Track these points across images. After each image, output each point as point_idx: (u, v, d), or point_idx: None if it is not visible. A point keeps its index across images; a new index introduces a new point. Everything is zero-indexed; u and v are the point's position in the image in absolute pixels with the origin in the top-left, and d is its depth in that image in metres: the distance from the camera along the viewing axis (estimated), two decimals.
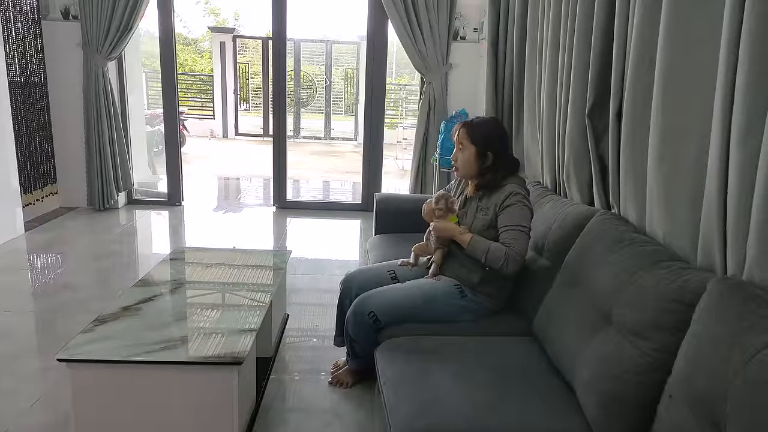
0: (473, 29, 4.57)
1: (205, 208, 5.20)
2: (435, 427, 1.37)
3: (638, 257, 1.48)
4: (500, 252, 1.86)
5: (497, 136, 2.03)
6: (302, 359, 2.45)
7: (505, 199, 1.93)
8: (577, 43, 2.14)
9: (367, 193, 5.04)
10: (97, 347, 1.67)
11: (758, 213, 1.16)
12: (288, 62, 5.76)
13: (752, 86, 1.16)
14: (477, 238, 1.94)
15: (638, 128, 1.72)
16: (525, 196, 1.96)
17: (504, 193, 1.95)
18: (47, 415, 1.95)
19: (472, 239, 1.94)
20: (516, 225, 1.89)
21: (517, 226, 1.89)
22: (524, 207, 1.93)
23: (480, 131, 2.01)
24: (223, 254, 2.69)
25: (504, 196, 1.94)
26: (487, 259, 1.89)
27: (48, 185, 4.63)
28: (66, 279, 3.22)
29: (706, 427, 1.07)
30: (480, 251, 1.90)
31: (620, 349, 1.36)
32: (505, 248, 1.86)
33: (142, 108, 6.15)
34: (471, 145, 2.01)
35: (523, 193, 1.96)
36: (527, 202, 1.95)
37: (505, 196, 1.93)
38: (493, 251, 1.88)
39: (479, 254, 1.91)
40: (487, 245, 1.90)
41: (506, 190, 1.95)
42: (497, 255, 1.86)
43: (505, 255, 1.85)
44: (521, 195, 1.94)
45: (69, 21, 4.47)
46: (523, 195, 1.96)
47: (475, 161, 2.01)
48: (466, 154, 2.02)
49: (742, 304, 1.10)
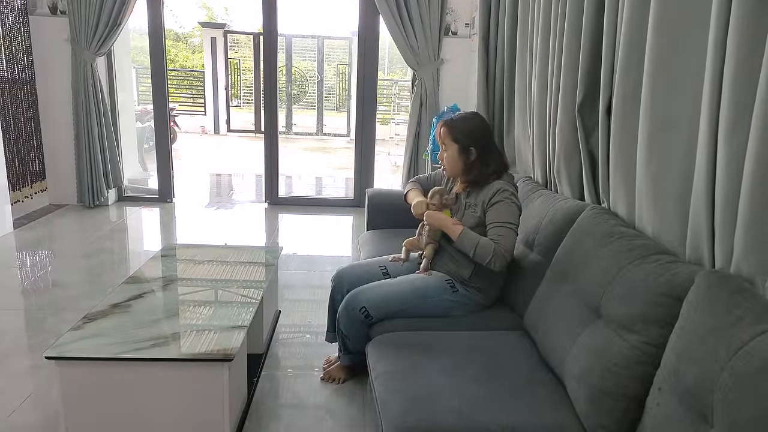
0: (464, 24, 4.56)
1: (196, 205, 5.18)
2: (426, 422, 1.37)
3: (627, 251, 1.49)
4: (489, 247, 1.87)
5: (478, 131, 2.02)
6: (294, 355, 2.45)
7: (493, 196, 1.93)
8: (567, 39, 2.14)
9: (359, 189, 5.03)
10: (86, 345, 1.66)
11: (745, 207, 1.17)
12: (279, 58, 5.76)
13: (739, 82, 1.17)
14: (467, 232, 1.94)
15: (628, 123, 1.72)
16: (513, 193, 1.96)
17: (492, 190, 1.95)
18: (37, 414, 1.94)
19: (462, 232, 1.94)
20: (504, 222, 1.90)
21: (505, 222, 1.90)
22: (512, 204, 1.93)
23: (460, 127, 2.01)
24: (215, 251, 2.68)
25: (492, 193, 1.94)
26: (475, 253, 1.89)
27: (37, 182, 4.59)
28: (56, 277, 3.19)
29: (694, 419, 1.08)
30: (469, 245, 1.91)
31: (609, 342, 1.37)
32: (493, 244, 1.87)
33: (132, 104, 6.11)
34: (453, 143, 2.01)
35: (511, 190, 1.96)
36: (515, 199, 1.96)
37: (493, 193, 1.94)
38: (482, 246, 1.88)
39: (468, 248, 1.91)
40: (477, 240, 1.90)
41: (494, 187, 1.95)
42: (486, 250, 1.87)
43: (493, 251, 1.86)
44: (509, 192, 1.95)
45: (57, 16, 4.43)
46: (512, 192, 1.96)
47: (459, 158, 2.01)
48: (450, 152, 2.02)
49: (730, 297, 1.11)
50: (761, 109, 1.10)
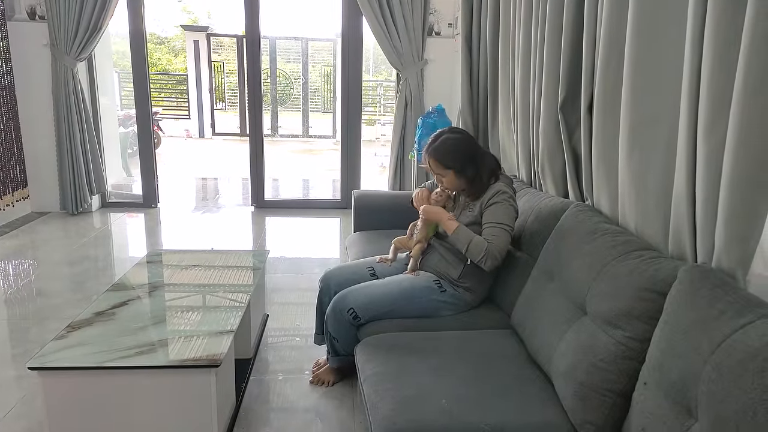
0: (448, 24, 4.58)
1: (182, 210, 5.13)
2: (416, 423, 1.37)
3: (611, 248, 1.50)
4: (482, 245, 1.88)
5: (464, 147, 2.00)
6: (283, 359, 2.44)
7: (492, 197, 1.95)
8: (548, 38, 2.16)
9: (346, 191, 5.02)
10: (69, 354, 1.63)
11: (725, 201, 1.18)
12: (263, 60, 5.72)
13: (716, 78, 1.19)
14: (463, 228, 1.95)
15: (609, 121, 1.74)
16: (511, 196, 1.98)
17: (492, 191, 1.97)
18: (21, 425, 1.91)
19: (458, 227, 1.95)
20: (499, 223, 1.91)
21: (500, 223, 1.91)
22: (509, 206, 1.95)
23: (448, 154, 1.97)
24: (201, 256, 2.66)
25: (491, 194, 1.96)
26: (468, 250, 1.91)
27: (18, 190, 4.51)
28: (39, 285, 3.15)
29: (679, 413, 1.09)
30: (463, 241, 1.92)
31: (595, 338, 1.38)
32: (486, 243, 1.88)
33: (115, 109, 6.04)
34: (447, 171, 1.99)
35: (510, 193, 1.98)
36: (513, 202, 1.97)
37: (492, 194, 1.96)
38: (475, 243, 1.90)
39: (462, 244, 1.92)
40: (471, 237, 1.92)
41: (494, 189, 1.97)
42: (479, 248, 1.88)
43: (486, 250, 1.87)
44: (508, 194, 1.96)
45: (36, 21, 4.36)
46: (510, 194, 1.97)
47: (458, 180, 2.00)
48: (449, 178, 2.01)
49: (711, 291, 1.12)
50: (739, 103, 1.12)
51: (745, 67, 1.09)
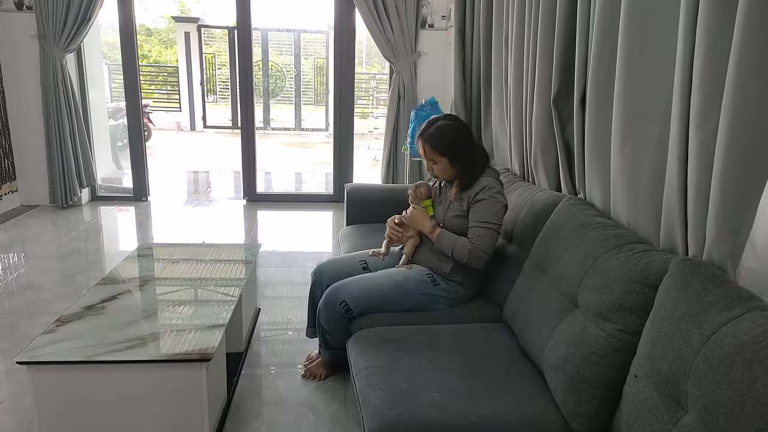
0: (441, 17, 4.56)
1: (173, 203, 5.09)
2: (407, 416, 1.37)
3: (603, 241, 1.50)
4: (465, 249, 1.91)
5: (459, 134, 1.99)
6: (275, 353, 2.43)
7: (479, 192, 1.94)
8: (541, 31, 2.15)
9: (338, 184, 5.01)
10: (58, 348, 1.62)
11: (716, 194, 1.19)
12: (255, 52, 5.66)
13: (708, 71, 1.19)
14: (444, 234, 1.96)
15: (601, 114, 1.74)
16: (499, 191, 1.96)
17: (479, 186, 1.95)
18: (11, 420, 1.89)
19: (439, 235, 1.97)
20: (484, 222, 1.91)
21: (486, 223, 1.91)
22: (496, 203, 1.93)
23: (444, 141, 1.95)
24: (192, 249, 2.64)
25: (478, 189, 1.94)
26: (453, 254, 1.94)
27: (7, 183, 4.47)
28: (29, 279, 3.12)
29: (670, 406, 1.09)
30: (447, 246, 1.95)
31: (586, 331, 1.38)
32: (469, 245, 1.90)
33: (105, 101, 5.98)
34: (442, 157, 1.97)
35: (497, 188, 1.96)
36: (500, 197, 1.95)
37: (479, 189, 1.94)
38: (458, 248, 1.92)
39: (446, 250, 1.96)
40: (453, 242, 1.93)
41: (481, 183, 1.95)
42: (462, 252, 1.91)
43: (468, 252, 1.90)
44: (495, 189, 1.95)
45: (23, 12, 4.30)
46: (497, 190, 1.96)
47: (452, 167, 1.99)
48: (441, 165, 1.99)
49: (702, 284, 1.13)
50: (730, 97, 1.12)
51: (737, 60, 1.09)
